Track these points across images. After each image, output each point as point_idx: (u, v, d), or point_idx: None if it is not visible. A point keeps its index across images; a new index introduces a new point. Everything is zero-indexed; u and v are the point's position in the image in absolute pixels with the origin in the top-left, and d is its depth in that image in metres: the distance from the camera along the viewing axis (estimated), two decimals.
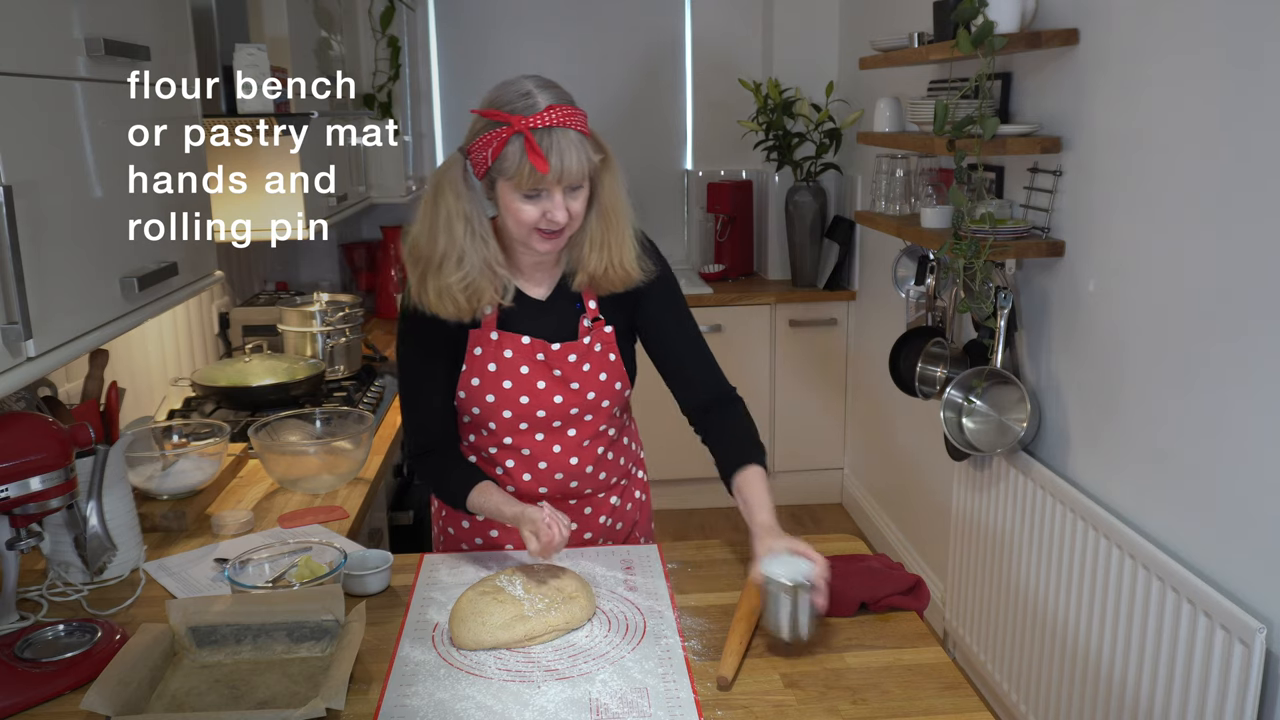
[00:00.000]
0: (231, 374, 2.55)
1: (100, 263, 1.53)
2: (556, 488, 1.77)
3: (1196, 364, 1.97)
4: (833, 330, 4.26)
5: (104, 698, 1.23)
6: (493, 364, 1.69)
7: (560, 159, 1.51)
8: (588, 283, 1.69)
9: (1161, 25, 2.05)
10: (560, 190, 1.55)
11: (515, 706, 1.31)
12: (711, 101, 4.52)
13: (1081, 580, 2.31)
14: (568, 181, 1.54)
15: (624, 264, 1.66)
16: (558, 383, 1.71)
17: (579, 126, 1.53)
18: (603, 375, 1.73)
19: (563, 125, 1.51)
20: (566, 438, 1.75)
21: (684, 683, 1.36)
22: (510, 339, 1.69)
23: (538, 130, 1.50)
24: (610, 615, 1.54)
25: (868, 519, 4.11)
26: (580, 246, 1.66)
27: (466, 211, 1.59)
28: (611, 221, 1.64)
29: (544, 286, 1.73)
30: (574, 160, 1.52)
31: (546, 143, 1.50)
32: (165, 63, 1.80)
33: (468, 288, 1.60)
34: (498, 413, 1.71)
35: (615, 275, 1.67)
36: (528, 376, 1.70)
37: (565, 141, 1.51)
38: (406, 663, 1.41)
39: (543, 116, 1.50)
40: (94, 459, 1.63)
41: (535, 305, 1.71)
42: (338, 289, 4.12)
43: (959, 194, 2.44)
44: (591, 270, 1.66)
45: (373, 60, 3.75)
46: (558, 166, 1.51)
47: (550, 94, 1.54)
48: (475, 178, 1.59)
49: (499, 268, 1.63)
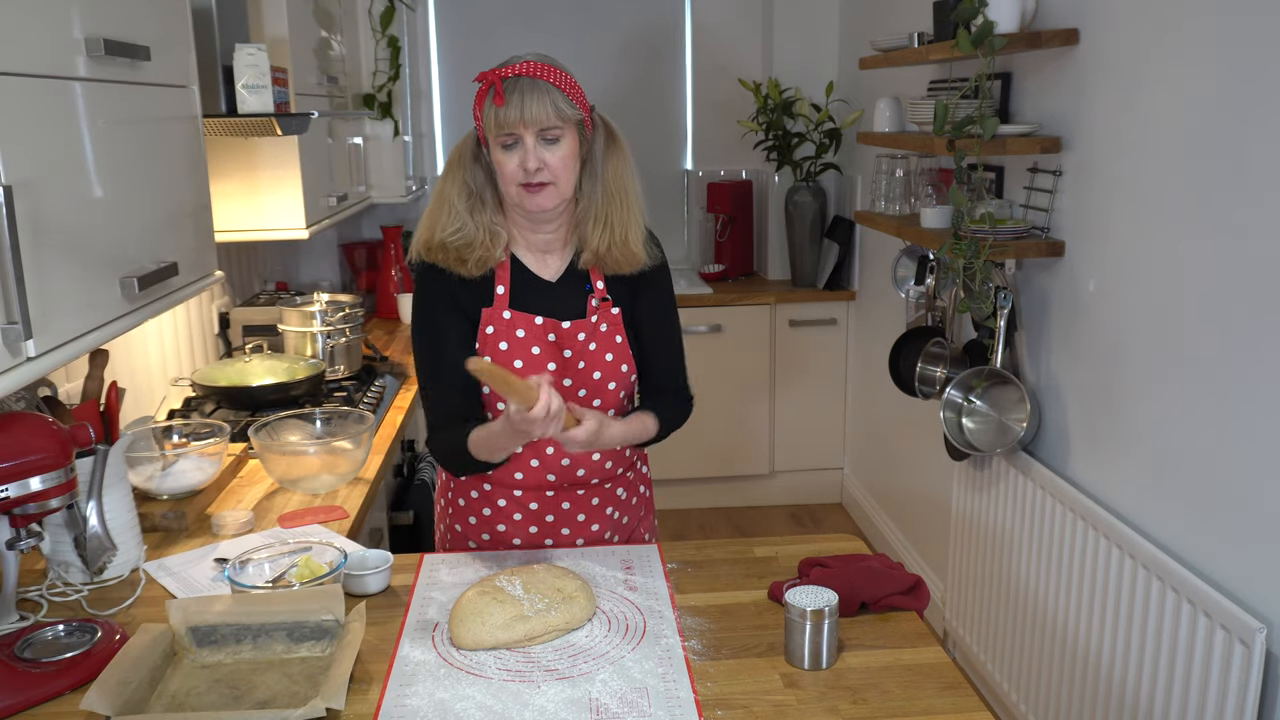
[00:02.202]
0: (231, 374, 2.55)
1: (100, 263, 1.53)
2: (564, 475, 1.78)
3: (1196, 364, 1.97)
4: (833, 330, 4.26)
5: (104, 698, 1.23)
6: (504, 343, 1.71)
7: (521, 100, 1.57)
8: (593, 260, 1.73)
9: (1161, 25, 2.05)
10: (531, 135, 1.60)
11: (515, 706, 1.31)
12: (711, 101, 4.52)
13: (1081, 580, 2.31)
14: (534, 125, 1.59)
15: (629, 243, 1.71)
16: (567, 364, 1.73)
17: (553, 80, 1.59)
18: (609, 356, 1.75)
19: (531, 75, 1.58)
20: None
21: (684, 683, 1.36)
22: (523, 319, 1.72)
23: (507, 79, 1.59)
24: (610, 615, 1.54)
25: (868, 519, 4.11)
26: (585, 223, 1.71)
27: (465, 176, 1.69)
28: (616, 201, 1.70)
29: (554, 268, 1.76)
30: (535, 103, 1.57)
31: (512, 87, 1.58)
32: (165, 63, 1.80)
33: (458, 238, 1.67)
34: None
35: (620, 254, 1.71)
36: (539, 357, 1.72)
37: (530, 86, 1.58)
38: (406, 662, 1.41)
39: (513, 69, 1.59)
40: (94, 459, 1.63)
41: (546, 286, 1.75)
42: (338, 289, 4.12)
43: (959, 194, 2.44)
44: (596, 247, 1.71)
45: (373, 60, 3.74)
46: (517, 104, 1.57)
47: (534, 57, 1.62)
48: (481, 147, 1.68)
49: (495, 227, 1.70)
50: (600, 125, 1.71)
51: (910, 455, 3.61)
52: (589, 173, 1.70)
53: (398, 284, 3.91)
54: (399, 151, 3.80)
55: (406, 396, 2.78)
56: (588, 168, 1.70)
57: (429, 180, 4.50)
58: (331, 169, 3.11)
